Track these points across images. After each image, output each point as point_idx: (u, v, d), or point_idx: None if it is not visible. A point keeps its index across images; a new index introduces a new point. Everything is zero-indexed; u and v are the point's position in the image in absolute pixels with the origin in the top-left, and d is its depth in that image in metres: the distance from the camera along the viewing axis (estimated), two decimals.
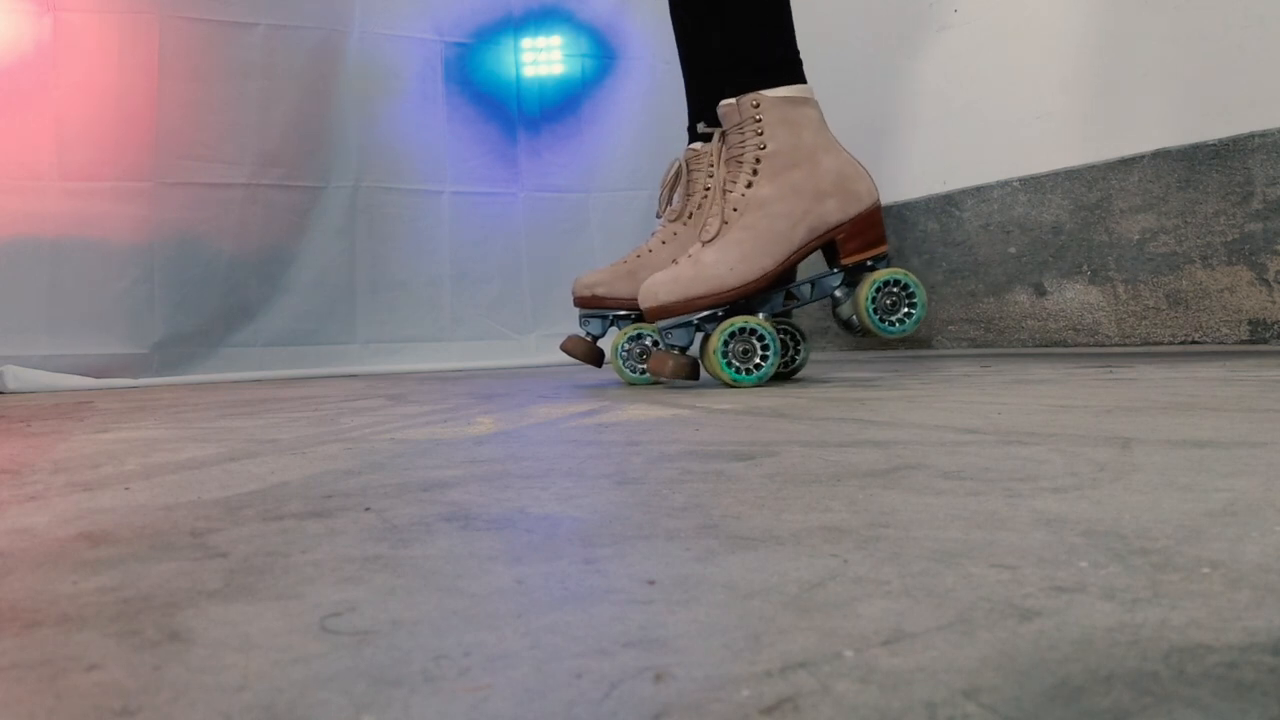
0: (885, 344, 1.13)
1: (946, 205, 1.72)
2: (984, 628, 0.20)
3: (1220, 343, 1.32)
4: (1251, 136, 1.28)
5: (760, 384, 0.92)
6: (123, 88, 1.62)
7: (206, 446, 0.59)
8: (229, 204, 1.69)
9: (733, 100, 0.97)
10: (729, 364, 0.91)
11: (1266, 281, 1.27)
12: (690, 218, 1.11)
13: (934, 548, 0.27)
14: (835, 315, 1.02)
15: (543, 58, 1.96)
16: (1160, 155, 1.39)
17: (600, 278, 1.12)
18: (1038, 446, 0.45)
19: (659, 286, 0.93)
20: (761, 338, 0.92)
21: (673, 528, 0.31)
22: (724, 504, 0.34)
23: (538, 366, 1.78)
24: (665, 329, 0.94)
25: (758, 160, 0.95)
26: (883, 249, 0.97)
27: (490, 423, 0.68)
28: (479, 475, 0.43)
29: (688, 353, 0.94)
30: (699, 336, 0.95)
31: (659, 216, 1.15)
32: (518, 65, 1.94)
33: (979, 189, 1.66)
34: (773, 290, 0.96)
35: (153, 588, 0.26)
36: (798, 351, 1.07)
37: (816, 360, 1.54)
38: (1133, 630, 0.20)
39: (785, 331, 1.06)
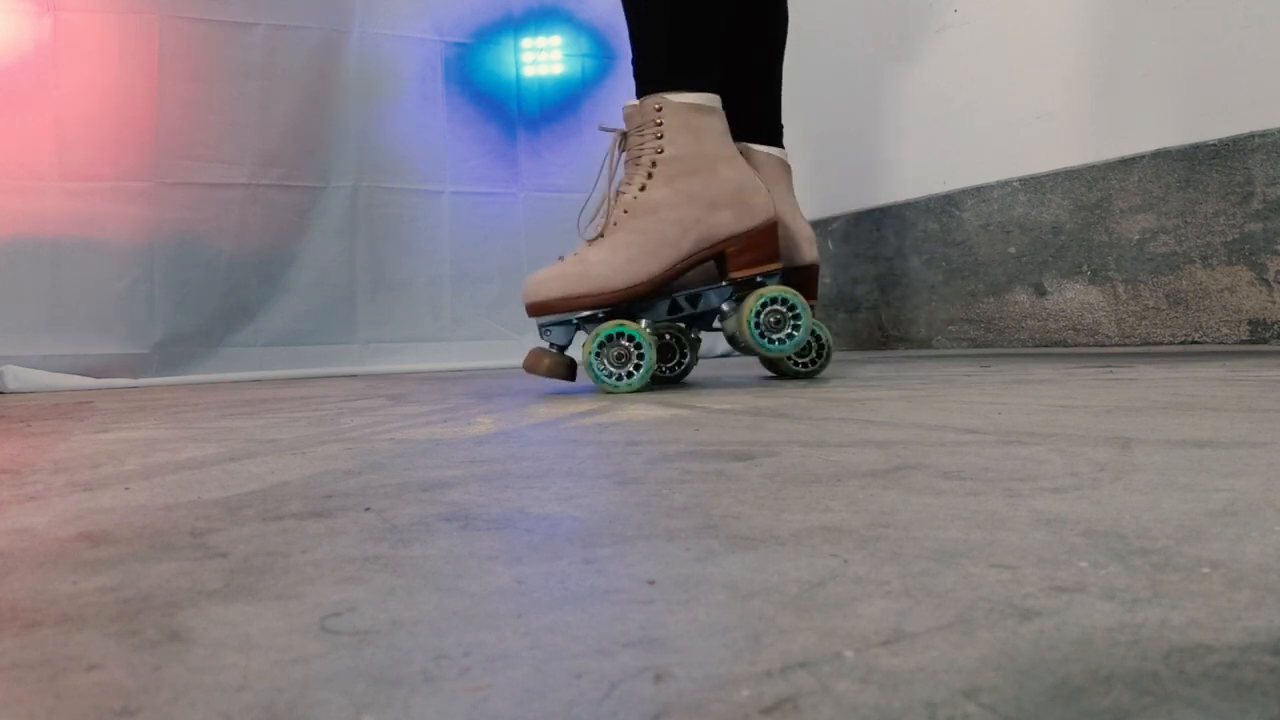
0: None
1: (946, 205, 1.72)
2: (984, 628, 0.20)
3: (1220, 343, 1.32)
4: (1251, 136, 1.28)
5: (633, 391, 0.89)
6: (123, 88, 1.62)
7: (206, 446, 0.59)
8: (229, 204, 1.69)
9: (636, 101, 0.96)
10: (603, 369, 0.90)
11: (1266, 281, 1.27)
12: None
13: (934, 548, 0.27)
14: (721, 329, 1.01)
15: (543, 58, 1.96)
16: (1160, 155, 1.39)
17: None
18: (1038, 446, 0.45)
19: (542, 283, 0.92)
20: (638, 344, 0.90)
21: (673, 528, 0.31)
22: (724, 504, 0.34)
23: None
24: (545, 326, 0.93)
25: (654, 164, 0.93)
26: (775, 266, 0.95)
27: (490, 423, 0.68)
28: (479, 475, 0.43)
29: (566, 352, 0.93)
30: (580, 336, 0.94)
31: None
32: (518, 65, 1.94)
33: (979, 189, 1.66)
34: (658, 298, 0.94)
35: (153, 588, 0.26)
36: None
37: None
38: (1133, 630, 0.20)
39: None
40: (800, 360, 1.01)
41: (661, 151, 0.93)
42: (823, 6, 1.95)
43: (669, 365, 1.05)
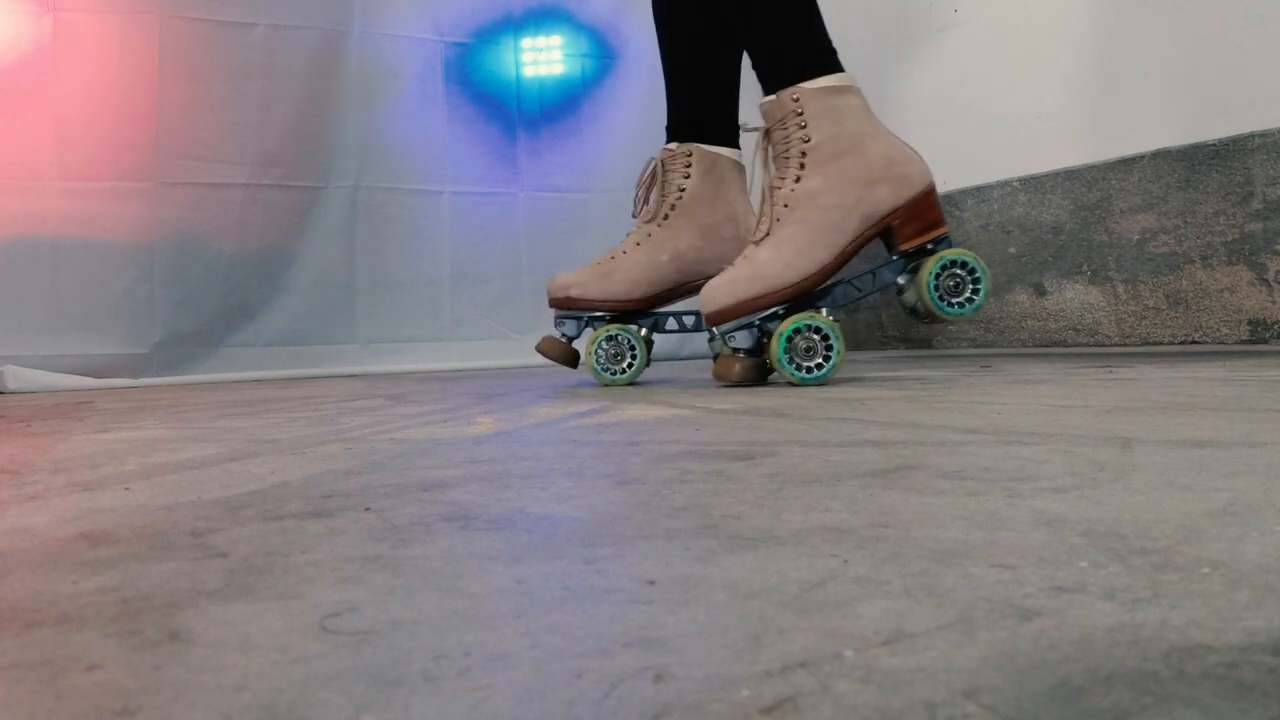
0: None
1: (946, 205, 1.72)
2: (984, 628, 0.20)
3: (1220, 343, 1.32)
4: (1251, 136, 1.28)
5: (823, 382, 0.89)
6: (123, 88, 1.62)
7: (206, 446, 0.59)
8: (229, 204, 1.69)
9: (772, 97, 0.95)
10: (793, 363, 0.89)
11: (1266, 281, 1.27)
12: (665, 219, 1.11)
13: (934, 548, 0.27)
14: (901, 303, 1.00)
15: (543, 58, 1.96)
16: (1160, 155, 1.39)
17: (575, 279, 1.11)
18: (1038, 446, 0.45)
19: (717, 290, 0.91)
20: (824, 334, 0.89)
21: (673, 528, 0.31)
22: (724, 504, 0.34)
23: (538, 366, 1.78)
24: (727, 332, 0.92)
25: (803, 154, 0.93)
26: (942, 230, 0.95)
27: (490, 423, 0.68)
28: (479, 475, 0.43)
29: (753, 355, 0.92)
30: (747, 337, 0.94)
31: (634, 216, 1.15)
32: (518, 65, 1.94)
33: (979, 189, 1.66)
34: (833, 284, 0.94)
35: (153, 588, 0.26)
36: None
37: None
38: (1133, 630, 0.20)
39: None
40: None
41: (808, 140, 0.94)
42: (822, 6, 1.95)
43: (619, 368, 1.07)
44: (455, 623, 0.22)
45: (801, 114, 0.94)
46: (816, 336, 0.89)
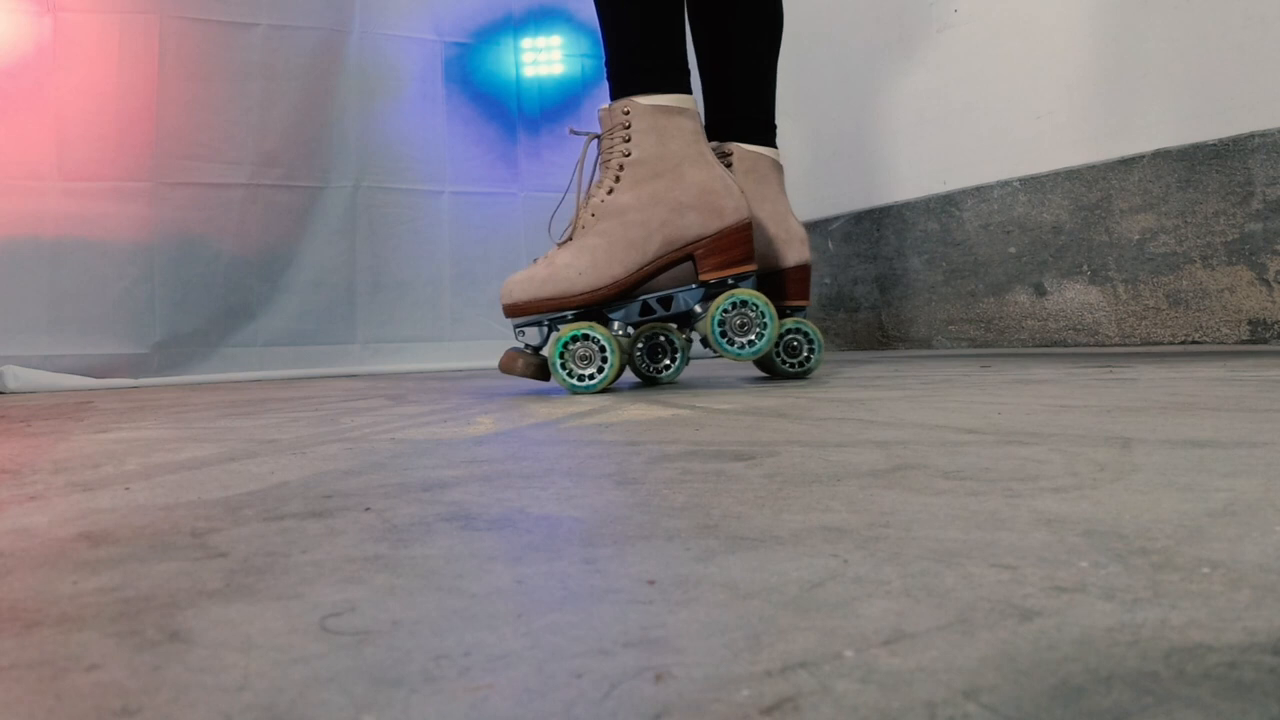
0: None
1: (946, 205, 1.72)
2: (984, 628, 0.20)
3: (1220, 343, 1.33)
4: (1251, 136, 1.28)
5: (594, 393, 0.89)
6: (123, 88, 1.62)
7: (206, 446, 0.59)
8: (229, 204, 1.69)
9: (608, 104, 0.96)
10: (566, 370, 0.90)
11: (1266, 281, 1.27)
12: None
13: (934, 548, 0.27)
14: (695, 330, 1.01)
15: (543, 58, 1.96)
16: (1160, 155, 1.39)
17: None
18: (1038, 446, 0.45)
19: (516, 285, 0.93)
20: (601, 346, 0.90)
21: (673, 528, 0.31)
22: (724, 504, 0.34)
23: None
24: (518, 326, 0.95)
25: (621, 166, 0.94)
26: (748, 268, 0.94)
27: (490, 423, 0.68)
28: (479, 475, 0.43)
29: (540, 352, 0.95)
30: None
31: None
32: (518, 65, 1.94)
33: (979, 189, 1.66)
34: (627, 300, 0.94)
35: (153, 588, 0.26)
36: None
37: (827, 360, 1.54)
38: (1133, 630, 0.20)
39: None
40: (790, 360, 1.01)
41: (629, 155, 0.94)
42: (823, 7, 1.95)
43: (659, 366, 1.06)
44: (455, 623, 0.22)
45: (629, 127, 0.94)
46: (594, 346, 0.91)
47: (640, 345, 1.06)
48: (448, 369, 1.77)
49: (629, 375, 1.21)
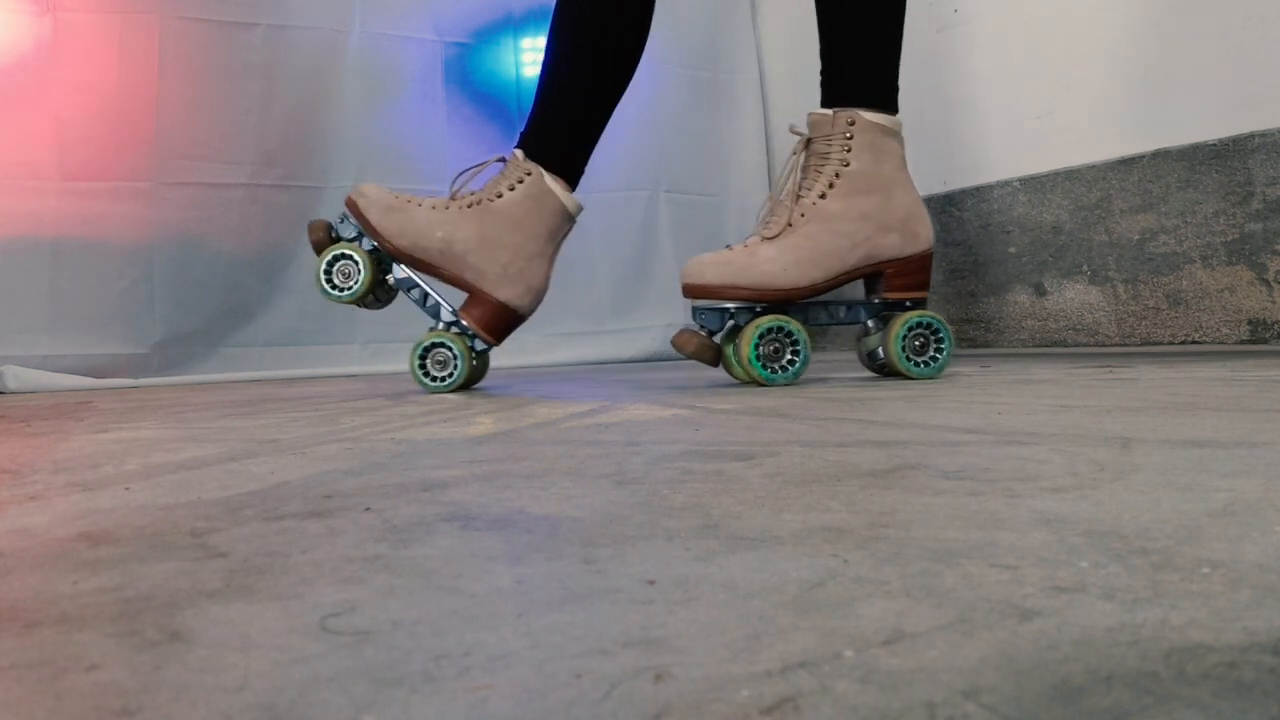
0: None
1: (946, 205, 1.72)
2: (984, 628, 0.20)
3: (1220, 343, 1.32)
4: (1251, 136, 1.28)
5: (791, 383, 0.92)
6: (123, 88, 1.62)
7: (206, 446, 0.59)
8: (229, 204, 1.69)
9: (828, 112, 0.97)
10: (759, 361, 0.91)
11: (1266, 281, 1.27)
12: (470, 207, 1.08)
13: (934, 548, 0.27)
14: (859, 345, 1.03)
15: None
16: (1160, 155, 1.39)
17: (370, 191, 1.10)
18: (1038, 446, 0.45)
19: (707, 266, 0.94)
20: (792, 337, 0.92)
21: (673, 528, 0.31)
22: (724, 504, 0.34)
23: (537, 366, 1.78)
24: (700, 309, 0.95)
25: (836, 174, 0.96)
26: (924, 294, 0.98)
27: (490, 423, 0.68)
28: (479, 475, 0.43)
29: (714, 338, 0.95)
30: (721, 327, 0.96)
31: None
32: (518, 65, 1.94)
33: (979, 189, 1.66)
34: (813, 303, 0.96)
35: (153, 588, 0.26)
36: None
37: (817, 361, 1.54)
38: (1133, 630, 0.20)
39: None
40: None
41: (847, 165, 0.96)
42: None
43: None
44: (455, 623, 0.22)
45: (850, 138, 0.96)
46: (785, 339, 0.92)
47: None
48: None
49: (617, 373, 1.21)
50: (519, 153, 1.08)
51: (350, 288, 1.06)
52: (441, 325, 1.04)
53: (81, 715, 0.18)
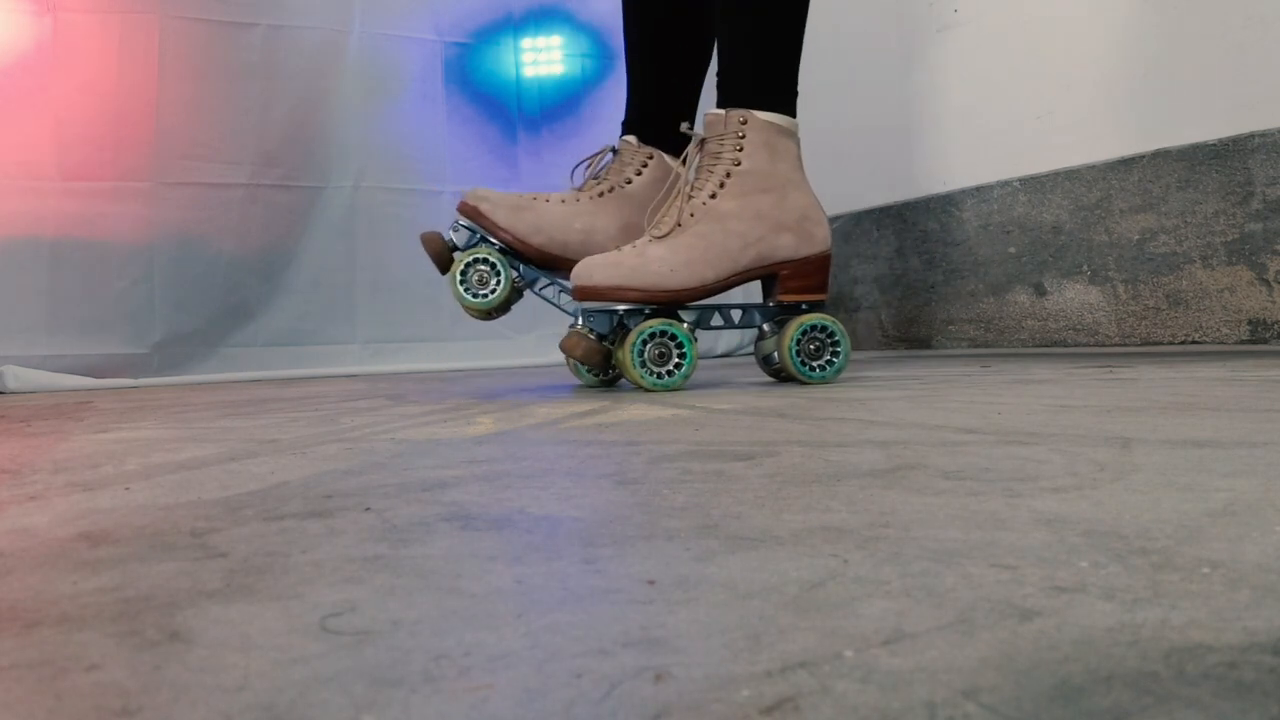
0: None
1: (946, 205, 1.72)
2: (984, 628, 0.20)
3: (1220, 343, 1.32)
4: (1251, 136, 1.28)
5: (670, 390, 0.90)
6: (123, 88, 1.62)
7: (206, 446, 0.59)
8: (229, 204, 1.69)
9: (720, 111, 0.97)
10: (644, 366, 0.90)
11: (1266, 281, 1.27)
12: (601, 196, 1.09)
13: (934, 548, 0.27)
14: (756, 349, 1.02)
15: (543, 58, 1.96)
16: (1160, 155, 1.39)
17: (490, 194, 1.09)
18: (1038, 446, 0.45)
19: (596, 267, 0.92)
20: (677, 340, 0.91)
21: (673, 528, 0.31)
22: (724, 504, 0.34)
23: (538, 366, 1.78)
24: (589, 311, 0.93)
25: (728, 174, 0.94)
26: (821, 297, 0.97)
27: (490, 423, 0.68)
28: (479, 475, 0.43)
29: (604, 342, 0.93)
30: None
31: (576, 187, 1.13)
32: (518, 65, 1.94)
33: (979, 189, 1.66)
34: (704, 306, 0.95)
35: (153, 588, 0.26)
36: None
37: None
38: (1133, 630, 0.20)
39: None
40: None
41: (739, 164, 0.95)
42: (823, 7, 1.95)
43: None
44: (455, 623, 0.22)
45: (743, 137, 0.95)
46: (671, 343, 0.91)
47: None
48: (448, 369, 1.77)
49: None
50: (632, 139, 1.09)
51: (490, 294, 1.04)
52: (581, 324, 0.98)
53: (81, 715, 0.18)
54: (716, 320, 0.96)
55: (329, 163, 1.77)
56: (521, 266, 1.07)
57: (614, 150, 1.11)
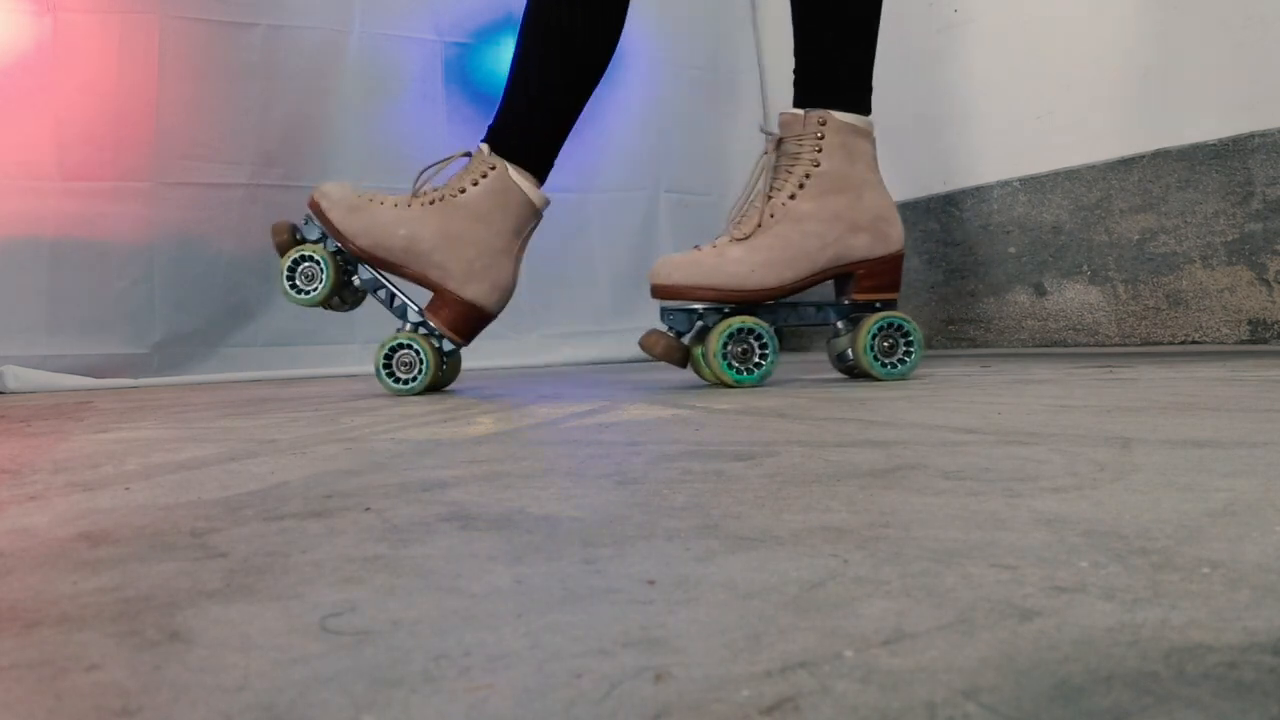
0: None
1: (946, 205, 1.72)
2: (984, 628, 0.20)
3: (1220, 343, 1.32)
4: (1251, 136, 1.28)
5: (758, 384, 0.92)
6: (123, 88, 1.62)
7: (206, 446, 0.59)
8: (229, 204, 1.69)
9: (798, 111, 0.97)
10: (728, 364, 0.91)
11: (1266, 281, 1.27)
12: (431, 204, 1.06)
13: (934, 548, 0.27)
14: (829, 346, 1.02)
15: None
16: (1160, 155, 1.39)
17: (332, 191, 1.06)
18: (1038, 446, 0.45)
19: (675, 266, 0.93)
20: (760, 338, 0.92)
21: (673, 528, 0.31)
22: (724, 504, 0.34)
23: (538, 366, 1.78)
24: (668, 310, 0.94)
25: (807, 175, 0.95)
26: (894, 295, 0.98)
27: (490, 423, 0.68)
28: (479, 475, 0.43)
29: (683, 339, 0.94)
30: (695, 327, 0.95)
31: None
32: None
33: (979, 189, 1.66)
34: (782, 304, 0.96)
35: (153, 588, 0.26)
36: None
37: (817, 360, 1.54)
38: (1133, 630, 0.20)
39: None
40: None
41: (817, 165, 0.95)
42: None
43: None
44: (455, 623, 0.22)
45: (821, 138, 0.96)
46: (753, 340, 0.92)
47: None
48: None
49: (618, 373, 1.20)
50: (484, 147, 1.06)
51: (313, 290, 1.03)
52: (409, 326, 1.02)
53: (81, 715, 0.18)
54: (793, 318, 0.97)
55: (329, 163, 1.77)
56: (360, 267, 1.05)
57: (468, 154, 1.08)
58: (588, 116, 1.96)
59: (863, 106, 0.99)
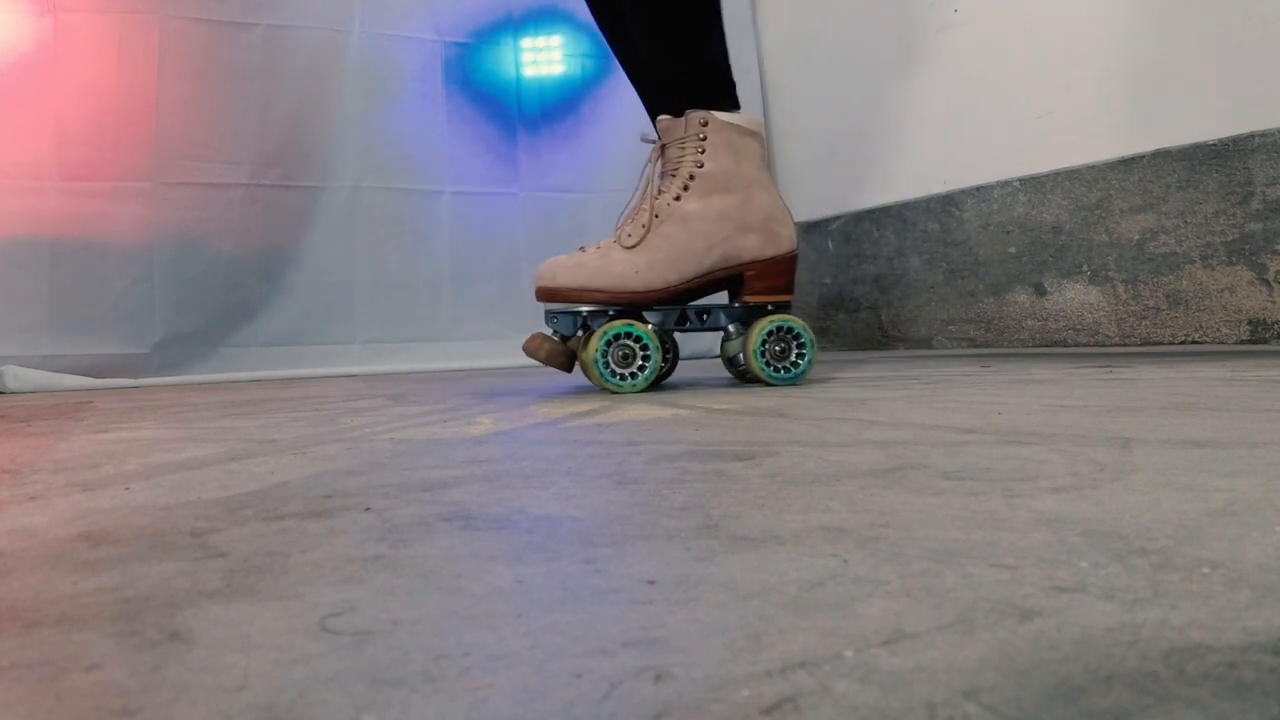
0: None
1: (946, 205, 1.72)
2: (984, 628, 0.20)
3: (1220, 343, 1.32)
4: (1251, 136, 1.28)
5: (636, 391, 0.89)
6: (123, 88, 1.62)
7: (206, 446, 0.59)
8: (229, 204, 1.69)
9: (669, 118, 0.96)
10: (607, 368, 0.89)
11: (1266, 281, 1.27)
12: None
13: (934, 548, 0.27)
14: (721, 349, 1.01)
15: (543, 58, 1.96)
16: (1160, 155, 1.39)
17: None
18: (1038, 446, 0.45)
19: (559, 269, 0.92)
20: (643, 344, 0.90)
21: (673, 528, 0.31)
22: (724, 504, 0.34)
23: (538, 366, 1.78)
24: (552, 313, 0.93)
25: (691, 176, 0.94)
26: (788, 298, 0.96)
27: (490, 423, 0.68)
28: (479, 475, 0.43)
29: (568, 343, 0.93)
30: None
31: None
32: (518, 65, 1.94)
33: (979, 189, 1.66)
34: (670, 306, 0.94)
35: (153, 588, 0.26)
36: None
37: (817, 360, 1.54)
38: (1133, 630, 0.20)
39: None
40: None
41: (701, 166, 0.94)
42: (823, 8, 1.95)
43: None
44: (455, 623, 0.22)
45: (704, 139, 0.94)
46: (636, 345, 0.90)
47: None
48: (448, 369, 1.77)
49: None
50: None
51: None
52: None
53: (81, 715, 0.18)
54: (682, 320, 0.95)
55: (329, 163, 1.77)
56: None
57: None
58: (588, 116, 1.97)
59: (735, 104, 0.97)
